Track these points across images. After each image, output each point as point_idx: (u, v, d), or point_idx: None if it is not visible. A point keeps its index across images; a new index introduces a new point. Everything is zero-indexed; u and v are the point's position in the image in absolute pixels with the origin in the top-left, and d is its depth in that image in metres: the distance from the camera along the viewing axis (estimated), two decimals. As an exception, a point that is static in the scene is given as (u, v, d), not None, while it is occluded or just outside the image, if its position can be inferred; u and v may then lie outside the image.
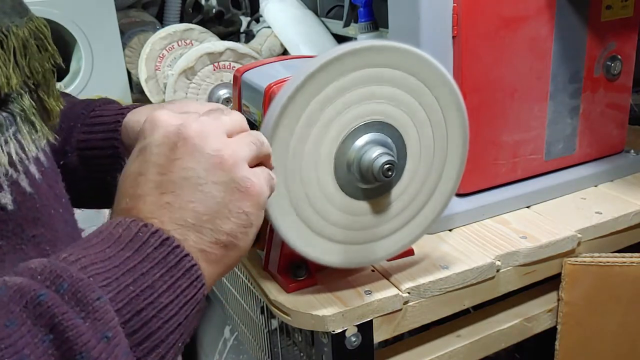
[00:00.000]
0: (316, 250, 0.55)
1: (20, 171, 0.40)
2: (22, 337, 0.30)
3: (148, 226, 0.37)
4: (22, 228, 0.40)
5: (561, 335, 0.72)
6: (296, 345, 0.72)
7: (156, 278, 0.36)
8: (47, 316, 0.30)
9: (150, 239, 0.37)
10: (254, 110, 0.62)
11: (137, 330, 0.34)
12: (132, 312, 0.34)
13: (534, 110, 0.73)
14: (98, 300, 0.32)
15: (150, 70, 1.15)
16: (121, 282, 0.34)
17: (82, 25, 1.16)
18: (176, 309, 0.36)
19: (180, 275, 0.37)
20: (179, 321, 0.36)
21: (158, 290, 0.35)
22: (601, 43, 0.76)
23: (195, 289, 0.37)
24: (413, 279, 0.61)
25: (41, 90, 0.43)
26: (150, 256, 0.36)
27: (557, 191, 0.77)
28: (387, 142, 0.53)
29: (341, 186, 0.53)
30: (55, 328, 0.30)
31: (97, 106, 0.62)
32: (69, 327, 0.30)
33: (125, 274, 0.35)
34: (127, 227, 0.37)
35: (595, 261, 0.69)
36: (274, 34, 1.22)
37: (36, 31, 0.43)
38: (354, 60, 0.50)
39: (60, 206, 0.45)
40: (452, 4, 0.65)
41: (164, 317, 0.35)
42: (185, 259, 0.37)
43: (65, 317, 0.31)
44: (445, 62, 0.64)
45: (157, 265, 0.36)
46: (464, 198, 0.72)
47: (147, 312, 0.35)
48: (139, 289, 0.35)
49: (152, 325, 0.35)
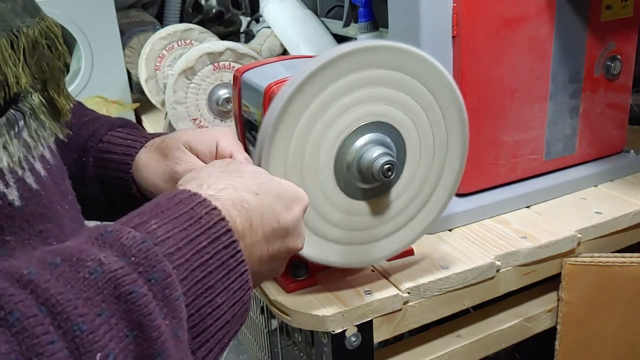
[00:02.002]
0: (316, 250, 0.55)
1: (25, 168, 0.41)
2: (111, 329, 0.30)
3: (225, 220, 0.39)
4: (29, 223, 0.41)
5: (561, 335, 0.72)
6: (296, 345, 0.72)
7: (218, 278, 0.37)
8: (136, 313, 0.31)
9: (224, 237, 0.38)
10: (254, 110, 0.62)
11: (195, 325, 0.36)
12: (194, 307, 0.36)
13: (534, 110, 0.73)
14: (177, 300, 0.34)
15: (150, 70, 1.15)
16: (194, 277, 0.36)
17: (82, 25, 1.16)
18: (226, 308, 0.38)
19: (235, 278, 0.39)
20: (228, 319, 0.38)
21: (217, 290, 0.37)
22: (601, 43, 0.76)
23: (243, 292, 0.40)
24: (413, 279, 0.61)
25: (51, 89, 0.44)
26: (220, 254, 0.38)
27: (557, 191, 0.77)
28: (387, 142, 0.53)
29: (341, 186, 0.53)
30: (141, 326, 0.31)
31: (102, 135, 0.62)
32: (153, 328, 0.32)
33: (198, 268, 0.36)
34: (209, 211, 0.38)
35: (595, 261, 0.69)
36: (274, 34, 1.22)
37: (47, 31, 0.43)
38: (354, 60, 0.50)
39: (66, 203, 0.46)
40: (452, 4, 0.65)
41: (217, 314, 0.37)
42: (242, 265, 0.39)
43: (151, 318, 0.32)
44: (445, 62, 0.64)
45: (221, 266, 0.38)
46: (464, 198, 0.72)
47: (206, 309, 0.37)
48: (204, 287, 0.36)
49: (207, 321, 0.37)
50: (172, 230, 0.36)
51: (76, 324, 0.29)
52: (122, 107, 1.19)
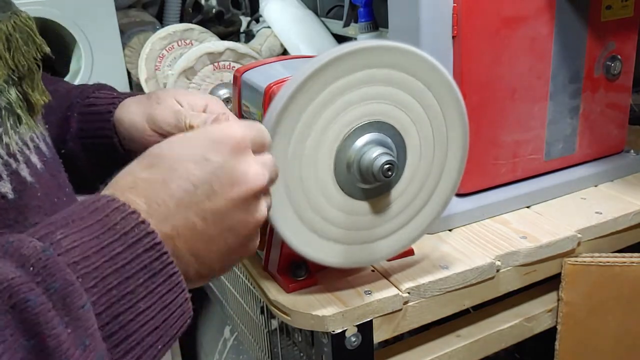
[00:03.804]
0: (316, 250, 0.55)
1: (20, 161, 0.41)
2: (5, 340, 0.29)
3: (145, 224, 0.36)
4: (24, 216, 0.41)
5: (561, 335, 0.72)
6: (296, 345, 0.72)
7: (139, 283, 0.35)
8: (32, 322, 0.30)
9: (144, 240, 0.36)
10: (254, 110, 0.62)
11: (114, 333, 0.34)
12: (110, 315, 0.34)
13: (534, 110, 0.73)
14: (82, 308, 0.32)
15: (150, 70, 1.15)
16: (106, 285, 0.34)
17: (82, 25, 1.16)
18: (153, 314, 0.36)
19: (161, 281, 0.36)
20: (156, 325, 0.36)
21: (138, 295, 0.35)
22: (601, 43, 0.75)
23: (174, 294, 0.37)
24: (413, 279, 0.61)
25: (25, 84, 0.43)
26: (140, 258, 0.36)
27: (557, 191, 0.77)
28: (387, 142, 0.53)
29: (341, 186, 0.53)
30: (38, 335, 0.30)
31: (90, 93, 0.62)
32: (51, 336, 0.30)
33: (112, 274, 0.34)
34: (126, 216, 0.36)
35: (595, 261, 0.69)
36: (274, 34, 1.22)
37: (21, 25, 0.43)
38: (354, 60, 0.50)
39: (63, 195, 0.45)
40: (452, 4, 0.65)
41: (141, 320, 0.35)
42: (170, 267, 0.37)
43: (49, 326, 0.30)
44: (445, 62, 0.64)
45: (143, 270, 0.36)
46: (464, 198, 0.72)
47: (125, 316, 0.35)
48: (121, 294, 0.35)
49: (128, 328, 0.35)
50: (80, 240, 0.34)
51: None
52: (122, 107, 1.19)
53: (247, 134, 0.42)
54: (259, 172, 0.41)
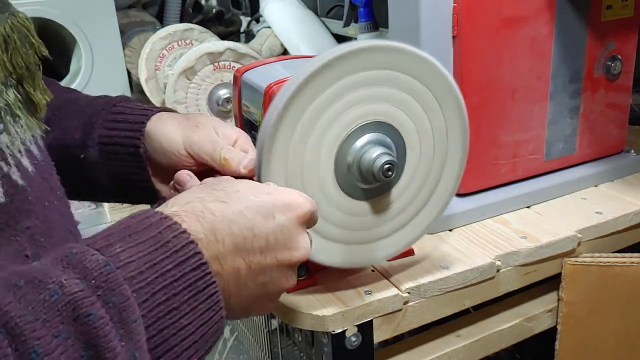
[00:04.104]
0: (316, 250, 0.55)
1: (11, 164, 0.41)
2: (66, 350, 0.31)
3: (194, 244, 0.39)
4: (15, 220, 0.41)
5: (561, 335, 0.72)
6: (296, 345, 0.72)
7: (183, 300, 0.38)
8: (91, 334, 0.32)
9: (191, 259, 0.38)
10: (254, 110, 0.62)
11: (158, 346, 0.37)
12: (156, 329, 0.36)
13: (534, 110, 0.73)
14: (135, 322, 0.35)
15: (150, 70, 1.16)
16: (155, 300, 0.36)
17: (82, 25, 1.16)
18: (194, 329, 0.38)
19: (203, 299, 0.39)
20: (195, 339, 0.38)
21: (182, 312, 0.37)
22: (601, 43, 0.75)
23: (213, 312, 0.39)
24: (413, 279, 0.61)
25: (26, 84, 0.44)
26: (186, 277, 0.38)
27: (557, 191, 0.77)
28: (387, 142, 0.53)
29: (341, 186, 0.53)
30: (96, 347, 0.32)
31: (117, 102, 0.63)
32: (108, 349, 0.33)
33: (161, 291, 0.37)
34: (177, 235, 0.38)
35: (595, 261, 0.69)
36: (274, 34, 1.22)
37: (19, 26, 0.43)
38: (354, 60, 0.50)
39: (55, 198, 0.46)
40: (452, 4, 0.65)
41: (183, 335, 0.38)
42: (212, 286, 0.39)
43: (107, 339, 0.33)
44: (445, 62, 0.64)
45: (188, 288, 0.38)
46: (464, 198, 0.72)
47: (169, 330, 0.37)
48: (167, 309, 0.37)
49: (170, 342, 0.37)
50: (136, 255, 0.37)
51: (32, 348, 0.30)
52: (122, 107, 1.19)
53: (311, 210, 0.46)
54: (308, 246, 0.45)
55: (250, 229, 0.42)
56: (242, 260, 0.42)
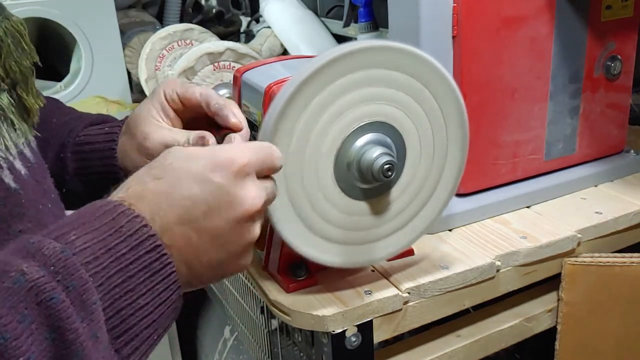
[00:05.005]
0: (316, 250, 0.55)
1: (4, 167, 0.41)
2: (32, 334, 0.33)
3: (147, 227, 0.39)
4: (7, 223, 0.42)
5: (561, 335, 0.72)
6: (296, 345, 0.72)
7: (140, 281, 0.39)
8: (55, 318, 0.34)
9: (146, 242, 0.39)
10: (254, 110, 0.62)
11: (116, 327, 0.38)
12: (113, 310, 0.38)
13: (534, 110, 0.73)
14: (95, 304, 0.36)
15: (150, 70, 1.15)
16: (111, 283, 0.37)
17: (82, 25, 1.16)
18: (152, 309, 0.39)
19: (160, 279, 0.40)
20: (154, 319, 0.40)
21: (138, 292, 0.39)
22: (601, 43, 0.75)
23: (171, 291, 0.40)
24: (413, 279, 0.61)
25: (20, 89, 0.44)
26: (142, 259, 0.39)
27: (557, 191, 0.77)
28: (387, 142, 0.53)
29: (341, 186, 0.53)
30: (60, 328, 0.34)
31: (79, 131, 0.63)
32: (70, 330, 0.34)
33: (117, 273, 0.38)
34: (130, 219, 0.39)
35: (595, 261, 0.69)
36: (274, 34, 1.22)
37: (12, 30, 0.43)
38: (354, 60, 0.50)
39: (48, 201, 0.46)
40: (452, 4, 0.65)
41: (140, 315, 0.39)
42: (168, 267, 0.40)
43: (69, 321, 0.34)
44: (445, 62, 0.64)
45: (143, 270, 0.39)
46: (464, 198, 0.72)
47: (126, 310, 0.38)
48: (123, 291, 0.38)
49: (129, 321, 0.38)
50: (90, 241, 0.38)
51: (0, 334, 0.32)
52: (122, 107, 1.19)
53: (252, 161, 0.44)
54: (256, 196, 0.43)
55: (189, 197, 0.41)
56: (190, 229, 0.41)
